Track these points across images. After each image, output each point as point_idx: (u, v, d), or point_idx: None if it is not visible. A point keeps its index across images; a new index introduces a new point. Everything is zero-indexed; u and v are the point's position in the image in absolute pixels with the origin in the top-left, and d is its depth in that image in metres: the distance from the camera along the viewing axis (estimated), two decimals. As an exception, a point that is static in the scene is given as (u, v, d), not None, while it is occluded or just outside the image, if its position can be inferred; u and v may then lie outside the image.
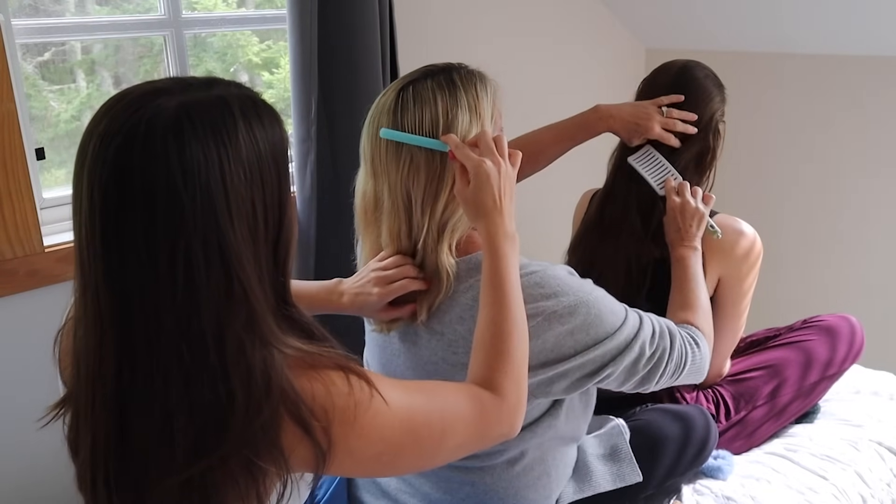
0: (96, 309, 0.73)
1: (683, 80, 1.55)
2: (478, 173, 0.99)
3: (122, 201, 0.70)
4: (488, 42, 2.37)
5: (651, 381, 1.15)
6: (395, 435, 0.82)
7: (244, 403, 0.73)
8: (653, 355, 1.12)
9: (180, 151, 0.70)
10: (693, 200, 1.42)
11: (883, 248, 2.46)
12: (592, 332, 1.06)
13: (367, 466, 0.84)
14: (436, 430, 0.85)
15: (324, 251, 1.91)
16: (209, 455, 0.73)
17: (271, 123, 0.78)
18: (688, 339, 1.20)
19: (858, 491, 1.47)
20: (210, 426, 0.73)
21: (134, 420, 0.74)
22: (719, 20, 2.50)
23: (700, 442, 1.38)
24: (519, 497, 1.17)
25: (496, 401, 0.91)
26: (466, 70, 1.10)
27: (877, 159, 2.42)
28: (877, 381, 1.84)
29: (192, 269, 0.71)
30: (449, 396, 0.89)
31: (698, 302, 1.32)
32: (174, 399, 0.72)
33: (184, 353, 0.72)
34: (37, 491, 1.62)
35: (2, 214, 1.50)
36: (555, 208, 2.13)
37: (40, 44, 1.70)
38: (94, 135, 0.72)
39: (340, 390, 0.78)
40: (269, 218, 0.77)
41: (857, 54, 2.36)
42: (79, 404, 0.78)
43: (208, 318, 0.72)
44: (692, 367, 1.19)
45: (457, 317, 1.07)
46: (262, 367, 0.74)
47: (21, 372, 1.55)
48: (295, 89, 1.82)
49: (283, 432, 0.75)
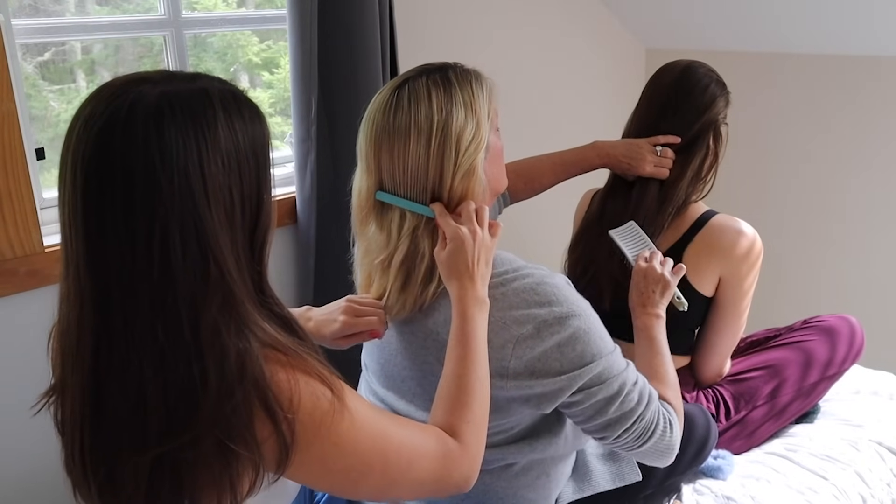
0: (77, 286, 0.75)
1: (687, 81, 1.55)
2: (454, 240, 1.03)
3: (102, 181, 0.73)
4: (488, 43, 2.37)
5: (613, 432, 1.08)
6: (368, 452, 0.84)
7: (217, 385, 0.75)
8: (627, 401, 1.07)
9: (159, 136, 0.72)
10: (660, 268, 1.36)
11: (883, 248, 2.46)
12: (580, 348, 1.04)
13: (334, 478, 0.85)
14: (403, 459, 0.87)
15: (324, 251, 1.91)
16: (180, 434, 0.75)
17: (251, 118, 0.80)
18: (664, 415, 1.13)
19: (858, 491, 1.47)
20: (182, 405, 0.75)
21: (109, 396, 0.76)
22: (719, 20, 2.50)
23: (700, 441, 1.38)
24: (518, 497, 1.17)
25: (459, 447, 0.94)
26: (462, 68, 1.10)
27: (876, 159, 2.42)
28: (877, 381, 1.84)
29: (169, 248, 0.73)
30: (420, 432, 0.92)
31: (668, 377, 1.24)
32: (148, 376, 0.74)
33: (158, 331, 0.74)
34: (37, 491, 1.62)
35: (2, 214, 1.50)
36: (555, 208, 2.13)
37: (40, 44, 1.70)
38: (79, 118, 0.75)
39: (315, 392, 0.80)
40: (247, 207, 0.79)
41: (856, 54, 2.36)
42: (63, 383, 0.80)
43: (184, 297, 0.74)
44: (658, 443, 1.12)
45: (451, 318, 1.07)
46: (237, 350, 0.76)
47: (21, 372, 1.55)
48: (295, 89, 1.82)
49: (255, 419, 0.77)
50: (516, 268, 1.08)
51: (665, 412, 1.14)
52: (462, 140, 1.05)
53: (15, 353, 1.56)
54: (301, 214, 1.91)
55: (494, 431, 1.11)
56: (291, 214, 1.94)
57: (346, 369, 1.33)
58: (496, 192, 1.18)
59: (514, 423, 1.12)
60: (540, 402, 1.06)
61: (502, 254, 1.12)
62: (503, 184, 1.19)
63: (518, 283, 1.06)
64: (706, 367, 1.59)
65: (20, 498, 1.62)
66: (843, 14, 2.20)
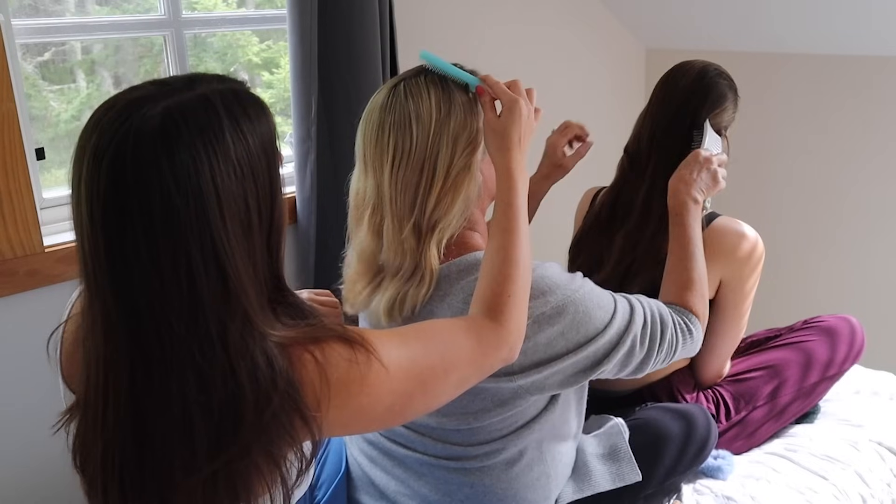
0: (106, 318, 0.75)
1: (704, 84, 1.52)
2: (512, 109, 1.04)
3: (121, 214, 0.72)
4: (488, 42, 2.37)
5: (645, 368, 1.17)
6: (403, 386, 0.85)
7: (254, 395, 0.75)
8: (643, 345, 1.14)
9: (170, 160, 0.72)
10: (717, 166, 1.40)
11: (883, 248, 2.46)
12: (583, 329, 1.07)
13: (381, 419, 0.88)
14: (439, 372, 0.88)
15: (324, 251, 1.91)
16: (229, 449, 0.75)
17: (257, 115, 0.79)
18: (681, 325, 1.21)
19: (858, 491, 1.47)
20: (227, 421, 0.75)
21: (151, 424, 0.76)
22: (719, 20, 2.50)
23: (700, 441, 1.38)
24: (518, 498, 1.17)
25: (494, 328, 0.94)
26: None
27: (877, 159, 2.42)
28: (877, 381, 1.84)
29: (193, 272, 0.73)
30: (446, 336, 0.92)
31: (695, 275, 1.30)
32: (192, 399, 0.74)
33: (195, 353, 0.74)
34: (37, 491, 1.62)
35: (2, 214, 1.49)
36: (555, 207, 2.13)
37: (40, 44, 1.70)
38: (86, 150, 0.73)
39: (340, 356, 0.81)
40: (263, 209, 0.79)
41: (856, 54, 2.36)
42: (87, 415, 0.79)
43: (213, 317, 0.74)
44: (682, 351, 1.21)
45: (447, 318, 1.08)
46: (265, 358, 0.77)
47: (21, 372, 1.55)
48: (295, 89, 1.82)
49: (294, 420, 0.78)
50: None
51: (680, 322, 1.21)
52: (459, 140, 1.05)
53: (15, 353, 1.56)
54: (301, 214, 1.91)
55: (498, 426, 1.12)
56: (291, 214, 1.94)
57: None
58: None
59: (518, 416, 1.13)
60: (546, 382, 1.08)
61: None
62: None
63: None
64: (706, 368, 1.59)
65: (20, 497, 1.62)
66: (843, 14, 2.20)
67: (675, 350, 1.19)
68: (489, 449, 1.13)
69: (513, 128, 1.03)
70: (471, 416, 1.11)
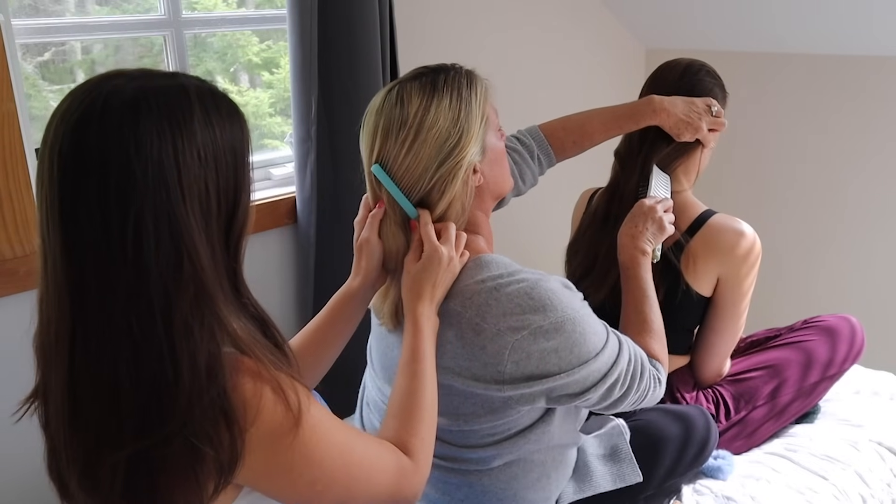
0: (55, 280, 0.76)
1: (690, 80, 1.55)
2: (431, 258, 1.04)
3: (77, 172, 0.73)
4: (488, 43, 2.37)
5: (619, 407, 1.15)
6: (333, 466, 0.85)
7: (189, 383, 0.75)
8: (624, 383, 1.12)
9: (134, 127, 0.72)
10: (662, 213, 1.39)
11: (883, 248, 2.46)
12: (577, 351, 1.06)
13: (300, 490, 0.85)
14: (364, 473, 0.88)
15: (324, 251, 1.91)
16: (154, 432, 0.75)
17: (230, 115, 0.80)
18: (654, 376, 1.19)
19: (858, 491, 1.47)
20: (155, 402, 0.75)
21: (85, 392, 0.76)
22: (719, 20, 2.50)
23: (700, 442, 1.38)
24: (518, 497, 1.17)
25: (411, 463, 0.94)
26: (455, 71, 1.10)
27: (876, 159, 2.42)
28: (877, 381, 1.84)
29: (142, 239, 0.73)
30: (377, 446, 0.93)
31: (653, 325, 1.28)
32: (122, 371, 0.74)
33: (133, 323, 0.74)
34: (37, 492, 1.61)
35: (2, 214, 1.49)
36: (553, 207, 2.13)
37: (40, 44, 1.69)
38: (56, 115, 0.75)
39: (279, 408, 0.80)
40: (222, 201, 0.79)
41: (856, 54, 2.36)
42: (45, 382, 0.81)
43: (157, 290, 0.74)
44: (650, 398, 1.19)
45: (444, 321, 1.08)
46: (208, 352, 0.76)
47: (20, 372, 1.55)
48: (295, 89, 1.82)
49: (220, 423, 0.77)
50: (511, 272, 1.08)
51: (654, 371, 1.19)
52: (444, 146, 1.05)
53: (15, 353, 1.56)
54: (301, 214, 1.91)
55: (490, 432, 1.12)
56: (291, 214, 1.94)
57: (344, 369, 1.34)
58: (499, 194, 1.19)
59: (510, 424, 1.12)
60: (534, 398, 1.07)
61: (497, 257, 1.11)
62: (506, 185, 1.19)
63: (512, 288, 1.05)
64: (706, 367, 1.59)
65: (20, 497, 1.62)
66: (842, 14, 2.20)
67: (646, 396, 1.17)
68: (484, 454, 1.13)
69: (426, 276, 1.04)
70: (461, 419, 1.11)
